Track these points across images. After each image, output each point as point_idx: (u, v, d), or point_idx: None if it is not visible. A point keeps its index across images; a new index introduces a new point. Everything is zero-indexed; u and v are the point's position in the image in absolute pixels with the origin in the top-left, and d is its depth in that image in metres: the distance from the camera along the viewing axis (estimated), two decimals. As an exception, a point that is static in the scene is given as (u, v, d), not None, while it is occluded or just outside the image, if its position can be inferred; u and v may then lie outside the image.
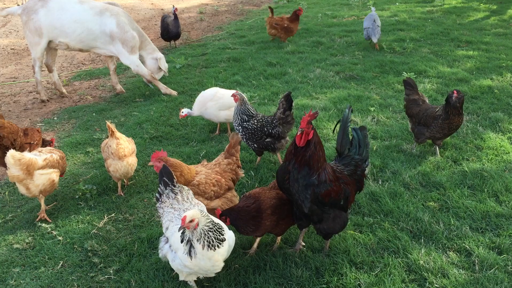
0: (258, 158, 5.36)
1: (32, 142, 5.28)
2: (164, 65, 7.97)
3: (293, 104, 5.23)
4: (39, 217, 4.57)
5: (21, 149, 5.09)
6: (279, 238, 3.98)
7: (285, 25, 10.12)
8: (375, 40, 9.23)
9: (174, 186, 3.52)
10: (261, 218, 3.63)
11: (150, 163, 3.86)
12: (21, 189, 4.47)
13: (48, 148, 4.81)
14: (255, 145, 5.13)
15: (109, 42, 7.47)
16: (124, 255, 4.00)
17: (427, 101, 5.63)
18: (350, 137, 3.93)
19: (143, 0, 18.21)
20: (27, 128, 5.38)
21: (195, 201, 3.57)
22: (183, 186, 3.59)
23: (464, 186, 4.74)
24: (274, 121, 5.07)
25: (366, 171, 3.94)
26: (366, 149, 3.89)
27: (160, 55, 7.97)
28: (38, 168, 4.42)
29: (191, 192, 3.61)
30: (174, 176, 3.55)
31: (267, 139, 5.07)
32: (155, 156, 3.82)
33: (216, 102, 5.87)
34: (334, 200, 3.51)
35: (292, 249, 3.93)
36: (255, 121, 5.09)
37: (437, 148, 5.39)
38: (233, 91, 5.36)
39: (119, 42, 7.45)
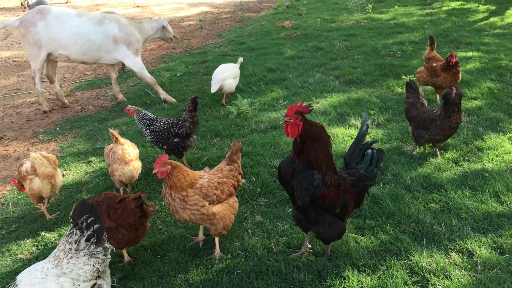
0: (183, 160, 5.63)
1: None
2: (170, 30, 8.34)
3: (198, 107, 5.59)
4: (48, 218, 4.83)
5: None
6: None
7: (433, 65, 6.84)
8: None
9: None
10: None
11: (154, 171, 3.79)
12: (46, 189, 4.65)
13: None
14: (165, 146, 5.40)
15: (113, 48, 7.55)
16: (127, 263, 4.02)
17: (426, 104, 5.65)
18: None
19: (144, 10, 18.36)
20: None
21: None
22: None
23: (465, 187, 4.74)
24: (180, 122, 5.40)
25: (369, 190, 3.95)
26: (376, 170, 3.85)
27: (163, 21, 8.24)
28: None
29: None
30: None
31: (175, 139, 5.37)
32: (159, 162, 3.79)
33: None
34: (328, 206, 3.50)
35: (298, 252, 3.95)
36: (162, 123, 5.38)
37: (437, 150, 5.40)
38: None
39: (124, 45, 7.56)
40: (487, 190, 4.66)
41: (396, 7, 14.40)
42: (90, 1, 19.72)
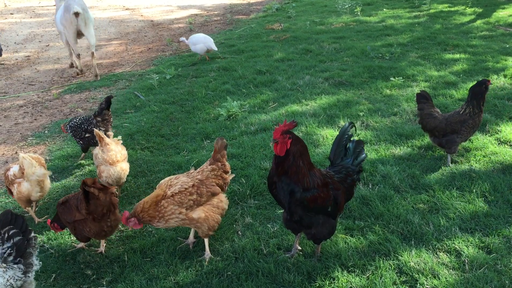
0: (83, 154, 6.05)
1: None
2: None
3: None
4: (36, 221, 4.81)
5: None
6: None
7: None
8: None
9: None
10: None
11: (130, 227, 3.95)
12: (35, 192, 4.64)
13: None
14: (81, 141, 5.81)
15: None
16: (116, 266, 4.01)
17: (440, 111, 5.55)
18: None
19: (133, 12, 18.30)
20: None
21: None
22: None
23: (453, 188, 4.79)
24: (90, 119, 5.76)
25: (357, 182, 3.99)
26: (360, 161, 3.92)
27: None
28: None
29: None
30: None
31: (87, 135, 5.71)
32: (124, 221, 3.86)
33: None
34: (321, 207, 3.53)
35: (288, 254, 3.96)
36: (78, 120, 5.82)
37: (449, 156, 5.33)
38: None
39: None
40: (474, 190, 4.72)
41: (384, 9, 14.50)
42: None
